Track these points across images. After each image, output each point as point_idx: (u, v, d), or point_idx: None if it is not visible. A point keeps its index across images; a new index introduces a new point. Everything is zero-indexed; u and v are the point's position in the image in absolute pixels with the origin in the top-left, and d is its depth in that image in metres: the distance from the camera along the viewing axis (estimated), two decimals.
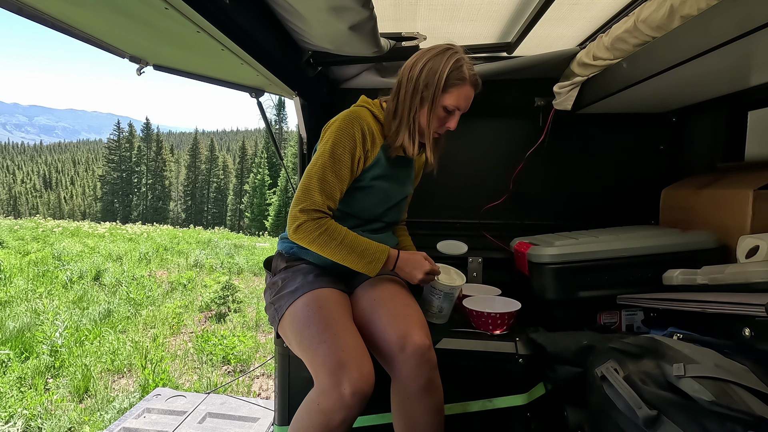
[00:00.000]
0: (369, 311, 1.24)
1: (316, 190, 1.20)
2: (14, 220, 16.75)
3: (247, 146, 50.59)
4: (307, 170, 1.23)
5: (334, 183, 1.22)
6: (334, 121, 1.27)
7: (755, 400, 0.79)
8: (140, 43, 1.23)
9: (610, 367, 1.01)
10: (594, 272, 1.45)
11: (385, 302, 1.25)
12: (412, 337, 1.14)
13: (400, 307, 1.24)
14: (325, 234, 1.19)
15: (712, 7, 0.96)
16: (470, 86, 1.27)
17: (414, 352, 1.13)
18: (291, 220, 1.20)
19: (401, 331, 1.16)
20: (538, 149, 1.87)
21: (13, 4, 0.90)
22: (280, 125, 44.01)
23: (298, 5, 1.18)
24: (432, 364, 1.16)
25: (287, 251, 1.39)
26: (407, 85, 1.27)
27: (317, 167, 1.21)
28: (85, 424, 3.08)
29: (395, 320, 1.19)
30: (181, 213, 50.62)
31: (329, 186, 1.21)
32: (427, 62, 1.25)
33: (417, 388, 1.14)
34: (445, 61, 1.24)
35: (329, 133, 1.24)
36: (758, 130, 1.58)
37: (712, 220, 1.47)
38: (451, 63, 1.23)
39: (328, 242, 1.19)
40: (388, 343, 1.16)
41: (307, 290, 1.23)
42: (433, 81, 1.24)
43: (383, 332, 1.18)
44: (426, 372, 1.14)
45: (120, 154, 50.19)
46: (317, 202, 1.19)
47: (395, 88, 1.31)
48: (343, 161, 1.22)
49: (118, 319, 5.25)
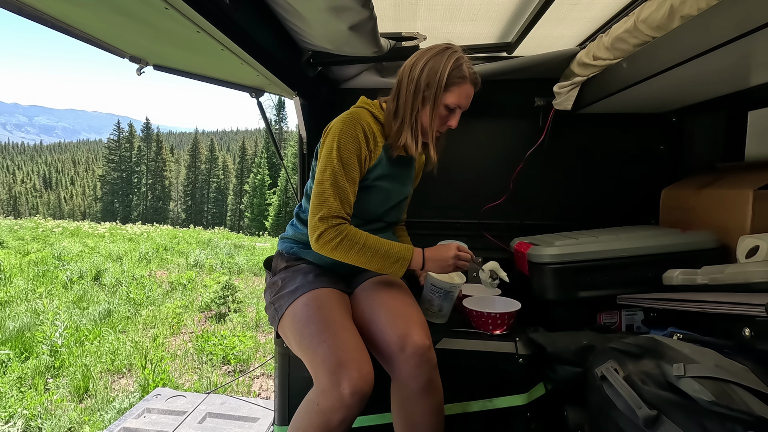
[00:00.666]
0: (369, 311, 1.25)
1: (331, 197, 1.20)
2: (14, 220, 16.75)
3: (247, 146, 50.60)
4: (318, 178, 1.22)
5: (346, 187, 1.22)
6: (334, 124, 1.26)
7: (755, 400, 0.79)
8: (140, 43, 1.23)
9: (610, 367, 1.01)
10: (594, 272, 1.45)
11: (385, 302, 1.25)
12: (412, 336, 1.14)
13: (400, 307, 1.24)
14: (347, 239, 1.19)
15: (712, 7, 0.96)
16: (470, 84, 1.28)
17: (414, 351, 1.13)
18: (312, 231, 1.20)
19: (401, 330, 1.16)
20: (538, 149, 1.87)
21: (13, 4, 0.90)
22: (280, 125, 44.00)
23: (298, 5, 1.18)
24: (432, 364, 1.16)
25: (287, 251, 1.39)
26: (408, 85, 1.27)
27: (328, 174, 1.21)
28: (85, 424, 3.08)
29: (395, 320, 1.19)
30: (181, 213, 50.62)
31: (343, 191, 1.21)
32: (427, 62, 1.25)
33: (417, 388, 1.14)
34: (446, 60, 1.24)
35: (332, 137, 1.24)
36: (758, 130, 1.58)
37: (712, 220, 1.47)
38: (452, 62, 1.24)
39: (351, 247, 1.19)
40: (388, 342, 1.16)
41: (307, 290, 1.23)
42: (434, 80, 1.24)
43: (383, 332, 1.18)
44: (426, 372, 1.14)
45: (120, 154, 50.18)
46: (334, 208, 1.19)
47: (395, 88, 1.31)
48: (351, 164, 1.23)
49: (118, 319, 5.25)
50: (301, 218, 1.40)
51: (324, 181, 1.21)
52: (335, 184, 1.20)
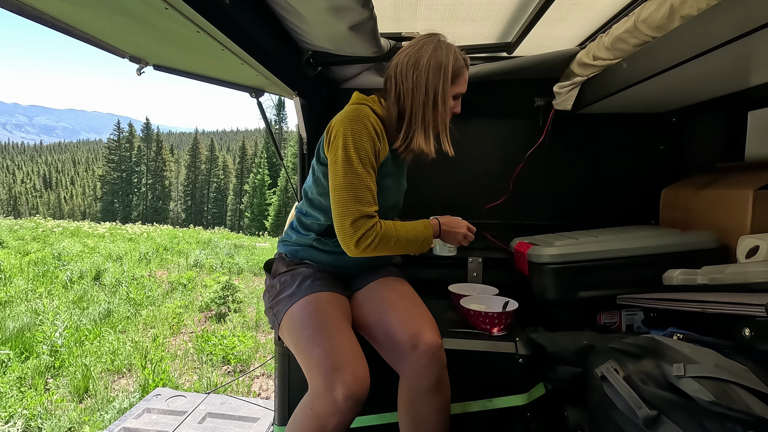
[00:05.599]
0: (378, 310, 1.25)
1: (357, 199, 1.17)
2: (14, 220, 16.75)
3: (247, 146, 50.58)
4: (338, 182, 1.18)
5: (368, 181, 1.19)
6: (340, 123, 1.20)
7: (755, 400, 0.79)
8: (140, 43, 1.23)
9: (610, 367, 1.01)
10: (594, 272, 1.45)
11: (395, 301, 1.25)
12: (424, 335, 1.15)
13: (411, 306, 1.25)
14: (383, 238, 1.20)
15: (712, 7, 0.96)
16: (467, 69, 1.32)
17: (426, 350, 1.14)
18: (345, 237, 1.18)
19: (413, 329, 1.16)
20: (538, 149, 1.87)
21: (13, 4, 0.90)
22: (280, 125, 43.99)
23: (298, 5, 1.18)
24: (442, 363, 1.17)
25: (288, 254, 1.39)
26: (415, 88, 1.24)
27: (349, 176, 1.17)
28: (85, 424, 3.08)
29: (407, 318, 1.19)
30: (181, 213, 50.61)
31: (366, 188, 1.19)
32: (429, 61, 1.24)
33: (426, 387, 1.15)
34: (445, 54, 1.25)
35: (342, 137, 1.18)
36: (758, 130, 1.57)
37: (712, 220, 1.46)
38: (452, 55, 1.26)
39: (387, 243, 1.21)
40: (400, 341, 1.16)
41: (305, 294, 1.23)
42: (439, 78, 1.24)
43: (394, 330, 1.18)
44: (436, 371, 1.15)
45: (120, 154, 50.17)
46: (362, 209, 1.17)
47: (394, 91, 1.28)
48: (368, 159, 1.20)
49: (118, 319, 5.25)
50: (302, 221, 1.38)
51: (345, 185, 1.17)
52: (358, 183, 1.17)
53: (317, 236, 1.34)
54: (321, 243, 1.34)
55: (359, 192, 1.17)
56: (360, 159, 1.18)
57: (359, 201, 1.17)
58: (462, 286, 1.71)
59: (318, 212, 1.32)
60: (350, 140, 1.17)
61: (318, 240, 1.34)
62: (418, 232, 1.27)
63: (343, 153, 1.17)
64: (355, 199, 1.17)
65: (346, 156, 1.17)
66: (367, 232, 1.17)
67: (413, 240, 1.25)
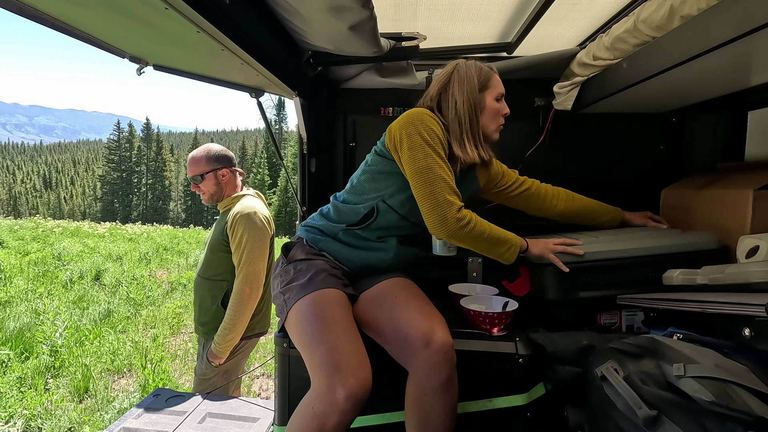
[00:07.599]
0: (389, 306, 1.25)
1: (445, 190, 1.22)
2: (14, 220, 16.74)
3: (247, 146, 50.62)
4: (420, 175, 1.22)
5: (448, 172, 1.25)
6: (402, 122, 1.27)
7: (755, 400, 0.79)
8: (140, 43, 1.23)
9: (610, 367, 1.01)
10: (594, 272, 1.45)
11: (407, 300, 1.26)
12: (436, 333, 1.15)
13: (423, 305, 1.25)
14: (477, 224, 1.24)
15: (711, 7, 0.96)
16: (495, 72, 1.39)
17: (439, 348, 1.14)
18: (443, 227, 1.22)
19: (426, 327, 1.16)
20: (538, 149, 1.87)
21: (13, 4, 0.90)
22: (280, 125, 44.00)
23: (298, 5, 1.18)
24: (453, 362, 1.17)
25: (310, 241, 1.39)
26: (461, 117, 1.32)
27: (433, 167, 1.22)
28: (85, 424, 3.08)
29: (419, 316, 1.19)
30: (181, 213, 50.60)
31: (449, 179, 1.24)
32: (462, 93, 1.33)
33: (436, 385, 1.15)
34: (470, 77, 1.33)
35: (415, 134, 1.24)
36: (758, 130, 1.57)
37: (712, 220, 1.46)
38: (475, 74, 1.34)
39: (481, 233, 1.25)
40: (412, 338, 1.16)
41: (317, 288, 1.23)
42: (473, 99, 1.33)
43: (407, 327, 1.18)
44: (447, 369, 1.15)
45: (120, 154, 50.20)
46: (450, 199, 1.22)
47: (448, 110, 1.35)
48: (441, 151, 1.25)
49: (118, 319, 5.25)
50: (338, 208, 1.38)
51: (430, 179, 1.21)
52: (440, 176, 1.22)
53: (348, 227, 1.35)
54: (347, 235, 1.35)
55: (445, 184, 1.23)
56: (436, 152, 1.24)
57: (446, 191, 1.22)
58: (462, 286, 1.71)
59: (358, 197, 1.35)
60: (427, 138, 1.23)
61: (346, 232, 1.35)
62: (507, 236, 1.31)
63: (423, 151, 1.23)
64: (444, 188, 1.22)
65: (427, 154, 1.23)
66: (462, 209, 1.23)
67: (502, 240, 1.29)
